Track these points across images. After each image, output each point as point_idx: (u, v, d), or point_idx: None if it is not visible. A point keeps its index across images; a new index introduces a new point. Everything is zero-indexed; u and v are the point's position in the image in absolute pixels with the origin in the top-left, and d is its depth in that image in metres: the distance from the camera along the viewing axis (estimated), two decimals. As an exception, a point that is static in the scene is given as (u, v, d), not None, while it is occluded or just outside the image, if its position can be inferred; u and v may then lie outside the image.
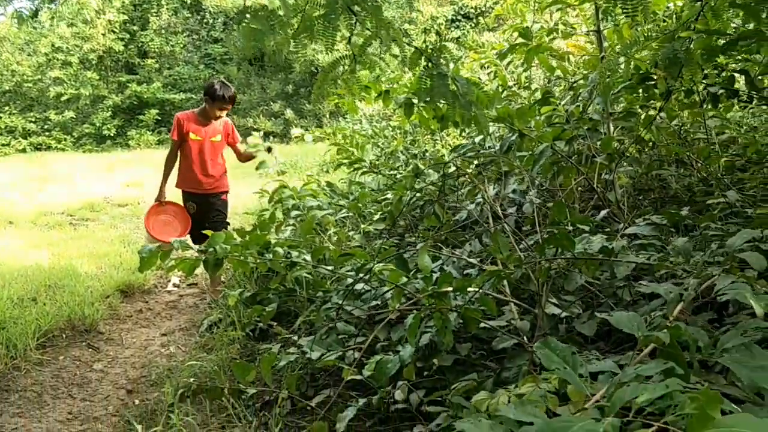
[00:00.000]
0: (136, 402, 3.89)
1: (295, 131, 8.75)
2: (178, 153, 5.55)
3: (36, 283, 5.57)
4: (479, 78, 6.81)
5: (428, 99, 2.64)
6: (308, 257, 4.44)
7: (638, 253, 2.47)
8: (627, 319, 1.52)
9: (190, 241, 4.56)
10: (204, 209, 5.61)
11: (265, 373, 3.15)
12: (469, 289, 2.70)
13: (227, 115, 5.73)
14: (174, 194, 5.78)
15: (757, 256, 1.72)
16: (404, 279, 3.22)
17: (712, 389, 1.03)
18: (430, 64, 2.59)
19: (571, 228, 3.12)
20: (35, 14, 25.60)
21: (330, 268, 4.36)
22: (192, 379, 3.73)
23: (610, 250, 2.28)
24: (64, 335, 4.79)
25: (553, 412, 1.43)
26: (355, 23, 2.55)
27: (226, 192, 5.82)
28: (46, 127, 21.44)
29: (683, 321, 1.59)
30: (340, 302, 3.95)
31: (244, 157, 5.84)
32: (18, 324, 4.57)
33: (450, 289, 2.62)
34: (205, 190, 5.58)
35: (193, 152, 5.46)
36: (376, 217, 5.86)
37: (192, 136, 5.43)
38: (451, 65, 2.96)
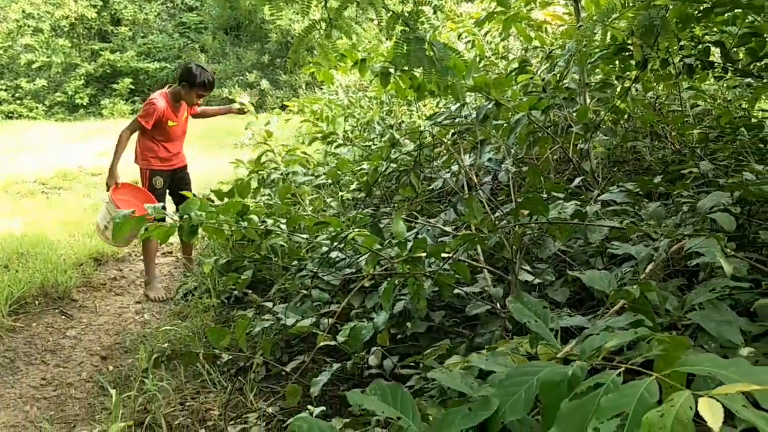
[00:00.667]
0: (110, 368, 3.88)
1: (260, 117, 8.59)
2: (139, 134, 5.12)
3: (8, 251, 5.51)
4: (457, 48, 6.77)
5: (405, 65, 2.62)
6: (284, 226, 4.44)
7: (611, 219, 2.50)
8: (599, 277, 1.54)
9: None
10: (172, 182, 5.32)
11: (239, 338, 3.15)
12: (443, 255, 2.71)
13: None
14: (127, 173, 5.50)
15: (728, 217, 1.75)
16: (378, 246, 3.23)
17: (678, 343, 1.05)
18: (407, 29, 2.57)
19: (545, 196, 3.15)
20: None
21: (305, 236, 4.35)
22: (167, 345, 3.72)
23: (584, 214, 2.30)
24: (36, 302, 4.75)
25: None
26: (331, -15, 2.53)
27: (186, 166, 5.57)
28: (17, 95, 20.99)
29: (654, 281, 1.62)
30: (315, 270, 3.96)
31: (211, 112, 5.80)
32: (-10, 291, 4.52)
33: (424, 254, 2.64)
34: (173, 166, 5.29)
35: (170, 137, 5.14)
36: (353, 186, 5.86)
37: (170, 123, 5.06)
38: (429, 31, 2.94)
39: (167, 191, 5.33)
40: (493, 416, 1.10)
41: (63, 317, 4.62)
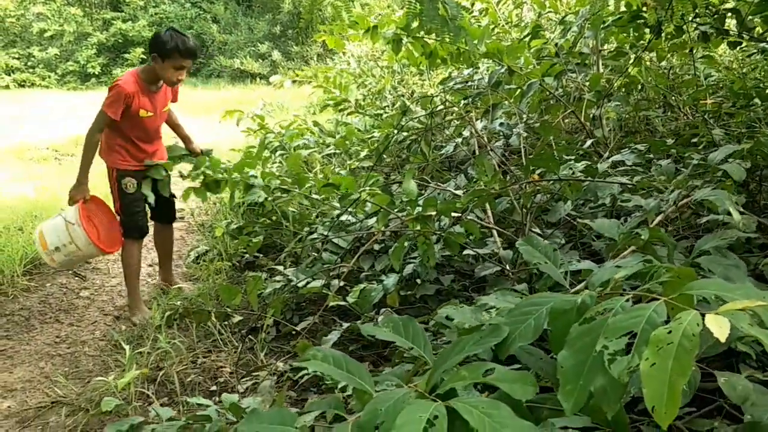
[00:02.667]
0: (123, 328, 3.94)
1: (274, 78, 8.60)
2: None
3: (21, 214, 5.57)
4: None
5: (417, 24, 2.62)
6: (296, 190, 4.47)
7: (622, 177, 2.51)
8: (608, 225, 1.56)
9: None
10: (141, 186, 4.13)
11: (251, 296, 3.19)
12: (453, 213, 2.73)
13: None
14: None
15: (737, 167, 1.75)
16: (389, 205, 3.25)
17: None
18: (420, -13, 2.57)
19: (557, 157, 3.15)
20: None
21: (316, 197, 4.37)
22: (179, 303, 3.77)
23: (595, 170, 2.31)
24: (50, 263, 4.81)
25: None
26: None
27: None
28: (29, 63, 21.05)
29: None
30: (326, 233, 3.99)
31: (173, 125, 4.46)
32: (4, 251, 4.58)
33: (434, 213, 2.65)
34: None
35: (142, 130, 3.97)
36: (363, 154, 5.86)
37: (142, 113, 3.89)
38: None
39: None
40: (502, 342, 1.13)
41: (76, 278, 4.68)
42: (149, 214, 4.29)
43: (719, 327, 0.78)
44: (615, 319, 0.90)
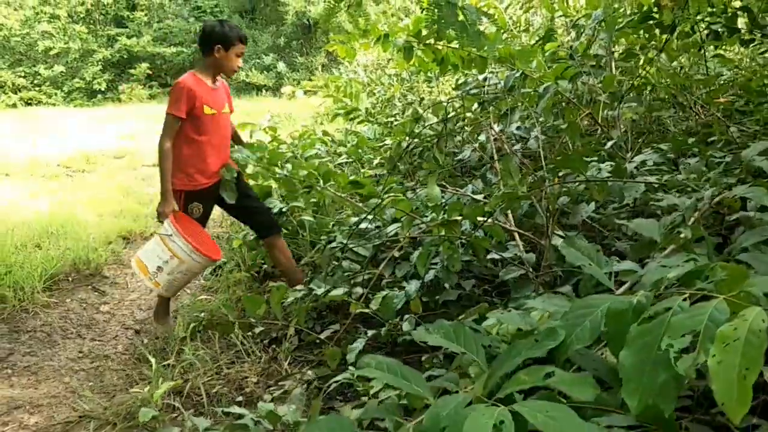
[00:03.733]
0: (145, 341, 3.95)
1: (285, 89, 8.66)
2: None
3: (38, 230, 5.59)
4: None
5: (436, 29, 2.64)
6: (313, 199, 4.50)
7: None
8: (647, 225, 1.56)
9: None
10: (217, 200, 4.03)
11: (275, 306, 3.20)
12: (479, 218, 2.74)
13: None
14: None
15: (772, 163, 1.76)
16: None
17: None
18: (438, -6, 2.58)
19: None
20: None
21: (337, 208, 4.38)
22: (203, 314, 3.78)
23: (624, 170, 2.32)
24: (69, 279, 4.84)
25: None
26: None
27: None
28: (35, 81, 21.16)
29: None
30: (345, 241, 3.99)
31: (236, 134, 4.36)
32: (24, 268, 4.60)
33: (460, 217, 2.66)
34: (215, 179, 3.92)
35: (209, 132, 3.80)
36: (375, 162, 5.88)
37: (206, 109, 3.74)
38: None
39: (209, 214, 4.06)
40: (560, 346, 1.13)
41: (96, 293, 4.70)
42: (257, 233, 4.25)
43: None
44: (677, 318, 0.91)
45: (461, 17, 2.64)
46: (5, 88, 20.56)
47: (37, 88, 21.09)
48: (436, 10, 2.63)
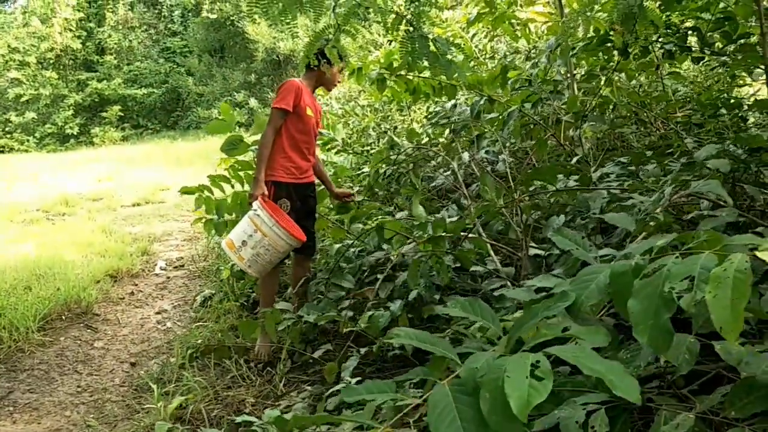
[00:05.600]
0: (141, 373, 4.06)
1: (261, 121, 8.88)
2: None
3: (26, 273, 5.69)
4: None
5: (411, 61, 2.85)
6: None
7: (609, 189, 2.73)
8: (620, 218, 1.78)
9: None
10: (299, 202, 4.19)
11: (269, 330, 3.35)
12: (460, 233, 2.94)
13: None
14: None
15: (721, 161, 1.99)
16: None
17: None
18: (411, 28, 2.80)
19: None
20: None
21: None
22: (200, 341, 3.92)
23: (589, 178, 2.53)
24: (62, 318, 4.94)
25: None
26: (340, -6, 2.75)
27: None
28: (7, 129, 21.22)
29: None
30: (327, 277, 4.14)
31: (321, 173, 4.50)
32: (18, 309, 4.71)
33: (445, 234, 2.85)
34: (305, 179, 4.20)
35: (305, 132, 4.10)
36: (355, 190, 6.07)
37: (308, 110, 4.07)
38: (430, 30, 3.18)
39: (295, 213, 4.17)
40: (573, 305, 1.35)
41: (89, 330, 4.81)
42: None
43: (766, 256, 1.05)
44: (674, 268, 1.16)
45: (432, 48, 2.87)
46: (-24, 136, 20.55)
47: (8, 136, 21.13)
48: (409, 44, 2.85)
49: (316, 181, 4.38)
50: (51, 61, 22.47)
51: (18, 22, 22.22)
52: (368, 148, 7.19)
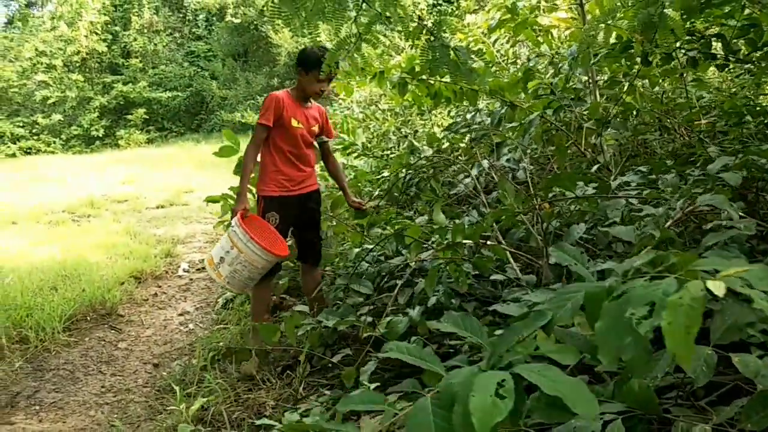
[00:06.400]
0: (164, 374, 4.13)
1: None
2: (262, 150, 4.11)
3: (52, 274, 5.78)
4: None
5: (432, 70, 2.88)
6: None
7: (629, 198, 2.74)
8: (625, 230, 1.79)
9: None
10: (295, 214, 4.20)
11: (289, 333, 3.39)
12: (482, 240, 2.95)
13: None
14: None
15: (732, 174, 1.99)
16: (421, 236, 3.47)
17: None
18: (431, 37, 2.83)
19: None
20: (11, 21, 25.63)
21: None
22: (221, 344, 3.97)
23: (608, 186, 2.55)
24: (87, 318, 5.02)
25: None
26: (362, 3, 2.78)
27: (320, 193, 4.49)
28: (34, 131, 21.52)
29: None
30: (347, 282, 4.17)
31: (333, 169, 4.55)
32: (44, 310, 4.80)
33: (464, 240, 2.87)
34: (300, 190, 4.17)
35: (294, 143, 4.07)
36: (375, 194, 6.10)
37: (294, 123, 4.02)
38: (451, 38, 3.20)
39: (290, 225, 4.24)
40: (548, 324, 1.38)
41: (113, 331, 4.88)
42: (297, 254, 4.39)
43: (717, 287, 1.07)
44: (637, 293, 1.17)
45: (453, 56, 2.89)
46: (4, 138, 20.89)
47: (35, 137, 21.43)
48: (430, 52, 2.88)
49: (325, 184, 4.44)
50: (77, 64, 22.77)
51: (45, 26, 22.55)
52: (388, 152, 7.22)
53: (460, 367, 1.38)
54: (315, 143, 4.27)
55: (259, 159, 4.12)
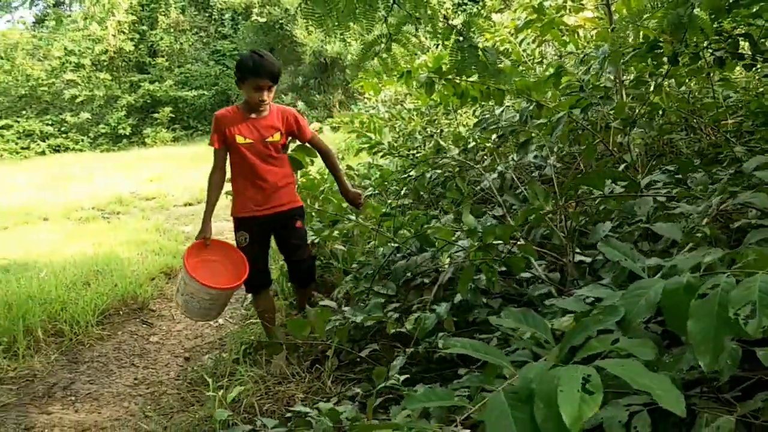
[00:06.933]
0: (195, 367, 4.22)
1: (314, 125, 9.08)
2: (226, 167, 3.93)
3: (85, 269, 5.92)
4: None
5: (461, 70, 2.93)
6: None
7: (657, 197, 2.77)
8: (668, 227, 1.84)
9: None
10: (269, 234, 4.06)
11: (319, 328, 3.46)
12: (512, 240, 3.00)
13: (278, 99, 4.58)
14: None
15: (768, 173, 2.03)
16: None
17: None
18: (460, 38, 2.88)
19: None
20: (41, 20, 26.05)
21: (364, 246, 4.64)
22: (252, 337, 4.05)
23: (637, 185, 2.58)
24: (119, 313, 5.15)
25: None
26: (392, 4, 2.84)
27: (301, 211, 4.11)
28: (62, 129, 21.89)
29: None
30: (369, 285, 4.22)
31: (327, 163, 4.21)
32: (78, 304, 4.92)
33: (496, 241, 2.92)
34: (267, 210, 3.90)
35: (245, 160, 3.80)
36: (402, 192, 6.16)
37: (239, 139, 3.76)
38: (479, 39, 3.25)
39: (267, 245, 4.11)
40: (623, 320, 1.43)
41: (145, 325, 5.00)
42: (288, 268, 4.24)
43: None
44: (735, 292, 1.23)
45: (482, 57, 2.94)
46: (34, 136, 21.23)
47: (64, 135, 21.80)
48: (459, 53, 2.93)
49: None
50: (105, 63, 23.10)
51: (76, 24, 22.88)
52: (414, 151, 7.27)
53: (526, 363, 1.42)
54: (279, 153, 3.92)
55: None
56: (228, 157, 3.86)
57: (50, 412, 3.74)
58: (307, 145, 4.18)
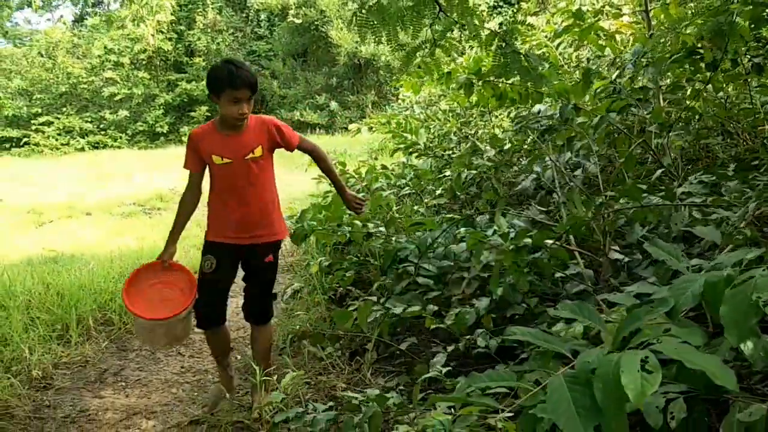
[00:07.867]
0: (238, 357, 4.38)
1: (352, 126, 9.27)
2: (201, 188, 3.60)
3: (130, 262, 6.12)
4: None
5: (503, 74, 3.04)
6: (382, 228, 4.91)
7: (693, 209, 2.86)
8: (708, 231, 1.95)
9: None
10: (238, 265, 3.67)
11: (361, 320, 3.59)
12: (546, 241, 3.10)
13: (257, 110, 3.62)
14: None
15: (808, 179, 2.12)
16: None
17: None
18: (503, 44, 3.00)
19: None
20: (81, 19, 26.62)
21: (402, 238, 4.76)
22: (298, 326, 4.20)
23: (673, 195, 2.67)
24: (165, 304, 5.32)
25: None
26: (439, 13, 2.97)
27: (278, 242, 3.68)
28: (101, 126, 22.38)
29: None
30: (416, 261, 4.34)
31: (323, 170, 3.86)
32: (126, 295, 5.10)
33: (529, 241, 3.02)
34: (241, 240, 3.52)
35: (224, 182, 3.43)
36: (438, 192, 6.27)
37: (215, 159, 3.37)
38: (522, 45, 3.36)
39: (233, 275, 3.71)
40: (672, 309, 1.55)
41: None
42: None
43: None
44: (762, 280, 1.34)
45: (524, 62, 3.05)
46: (74, 133, 21.72)
47: (102, 133, 22.28)
48: (502, 58, 3.04)
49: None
50: (143, 62, 23.56)
51: (118, 23, 23.37)
52: (449, 152, 7.37)
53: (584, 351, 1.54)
54: (263, 170, 3.51)
55: None
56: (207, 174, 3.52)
57: (102, 396, 3.92)
58: (303, 149, 3.73)
